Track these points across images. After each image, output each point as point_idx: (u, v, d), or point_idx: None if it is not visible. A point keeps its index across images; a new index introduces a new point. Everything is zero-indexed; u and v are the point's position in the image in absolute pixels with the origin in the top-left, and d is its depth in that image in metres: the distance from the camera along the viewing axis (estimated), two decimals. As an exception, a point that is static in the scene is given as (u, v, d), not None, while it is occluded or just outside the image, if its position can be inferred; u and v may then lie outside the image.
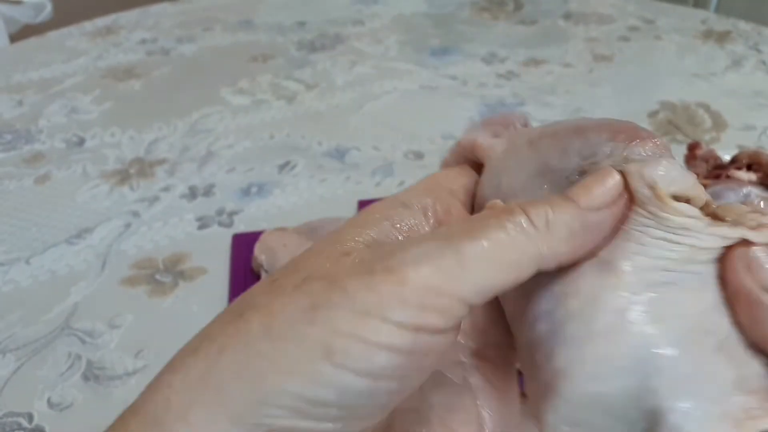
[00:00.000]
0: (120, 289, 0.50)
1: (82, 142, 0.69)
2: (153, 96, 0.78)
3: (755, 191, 0.50)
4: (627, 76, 0.80)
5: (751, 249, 0.16)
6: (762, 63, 0.81)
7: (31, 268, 0.53)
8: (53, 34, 0.94)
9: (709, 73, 0.79)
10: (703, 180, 0.54)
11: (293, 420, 0.16)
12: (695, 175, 0.17)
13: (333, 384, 0.15)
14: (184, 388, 0.16)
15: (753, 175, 0.53)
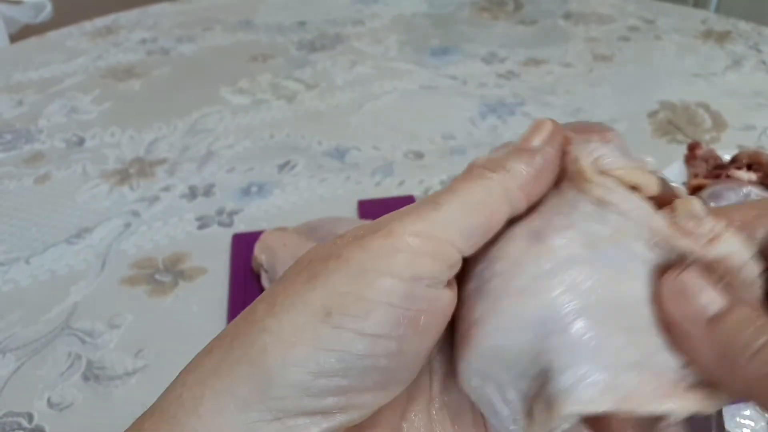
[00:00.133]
0: (120, 289, 0.50)
1: (82, 141, 0.69)
2: (153, 96, 0.78)
3: (755, 191, 0.50)
4: (627, 76, 0.80)
5: (683, 276, 0.16)
6: (762, 63, 0.81)
7: (31, 267, 0.53)
8: (53, 34, 0.94)
9: (709, 73, 0.79)
10: (703, 180, 0.54)
11: (299, 400, 0.16)
12: (642, 163, 0.18)
13: (334, 347, 0.16)
14: (196, 383, 0.17)
15: (753, 175, 0.53)
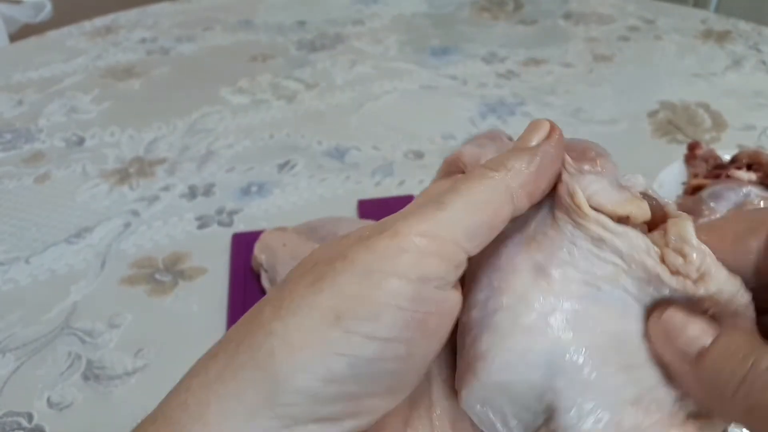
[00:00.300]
0: (120, 289, 0.50)
1: (81, 141, 0.69)
2: (153, 95, 0.78)
3: (755, 191, 0.50)
4: (627, 76, 0.80)
5: (668, 314, 0.17)
6: (762, 63, 0.81)
7: (31, 267, 0.53)
8: (53, 34, 0.94)
9: (709, 73, 0.79)
10: (703, 180, 0.54)
11: (309, 407, 0.16)
12: (631, 195, 0.18)
13: (344, 351, 0.16)
14: (201, 388, 0.16)
15: (753, 175, 0.53)
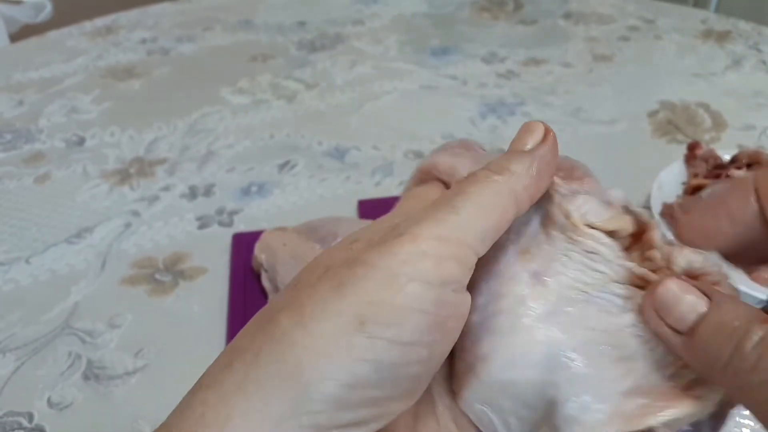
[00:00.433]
0: (120, 289, 0.50)
1: (82, 141, 0.69)
2: (153, 96, 0.78)
3: (755, 191, 0.50)
4: (627, 75, 0.80)
5: (661, 289, 0.18)
6: (762, 63, 0.81)
7: (32, 267, 0.53)
8: (53, 34, 0.94)
9: (709, 72, 0.79)
10: (703, 180, 0.54)
11: (334, 413, 0.15)
12: (617, 211, 0.20)
13: (369, 357, 0.15)
14: (220, 402, 0.15)
15: (753, 175, 0.53)
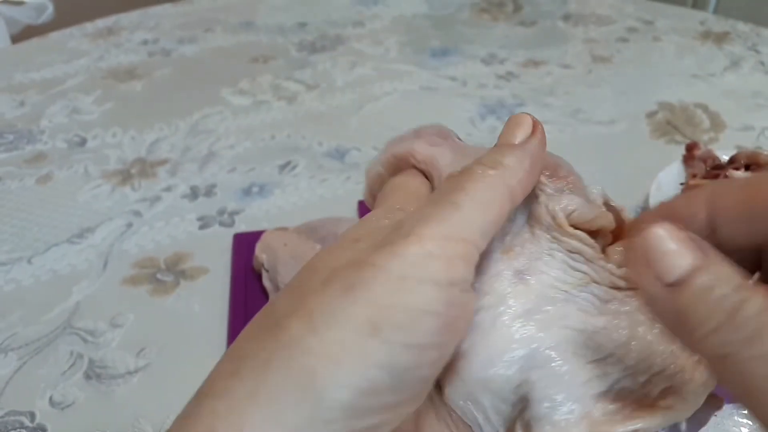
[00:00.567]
0: (122, 289, 0.50)
1: (83, 142, 0.70)
2: (154, 96, 0.79)
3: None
4: (626, 76, 0.80)
5: (649, 234, 0.16)
6: (760, 64, 0.82)
7: (33, 267, 0.53)
8: (55, 35, 0.95)
9: (707, 73, 0.80)
10: (701, 180, 0.54)
11: (348, 421, 0.15)
12: (600, 209, 0.20)
13: (383, 362, 0.15)
14: (232, 412, 0.15)
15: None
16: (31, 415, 0.41)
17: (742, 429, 0.39)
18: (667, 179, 0.56)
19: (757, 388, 0.14)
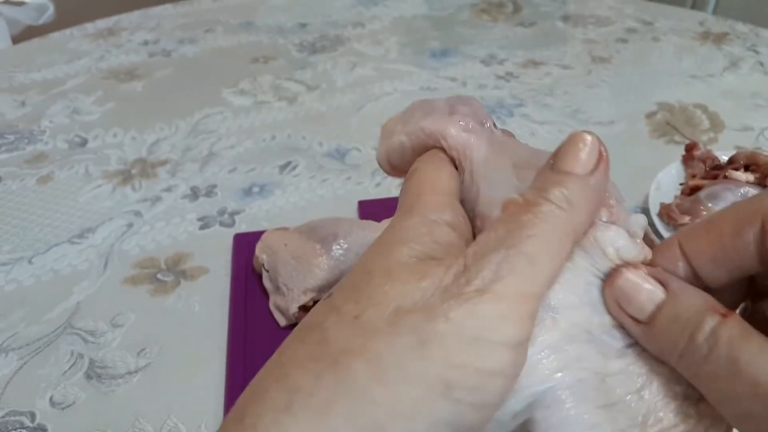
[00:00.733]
0: (122, 289, 0.51)
1: (84, 142, 0.70)
2: (155, 97, 0.79)
3: (752, 191, 0.51)
4: (625, 77, 0.80)
5: (620, 281, 0.17)
6: (759, 64, 0.82)
7: (34, 267, 0.53)
8: (55, 36, 0.95)
9: (706, 74, 0.80)
10: (701, 180, 0.54)
11: None
12: (642, 245, 0.19)
13: (450, 420, 0.15)
14: None
15: (750, 176, 0.54)
16: (32, 415, 0.41)
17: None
18: (667, 179, 0.57)
19: (720, 397, 0.15)
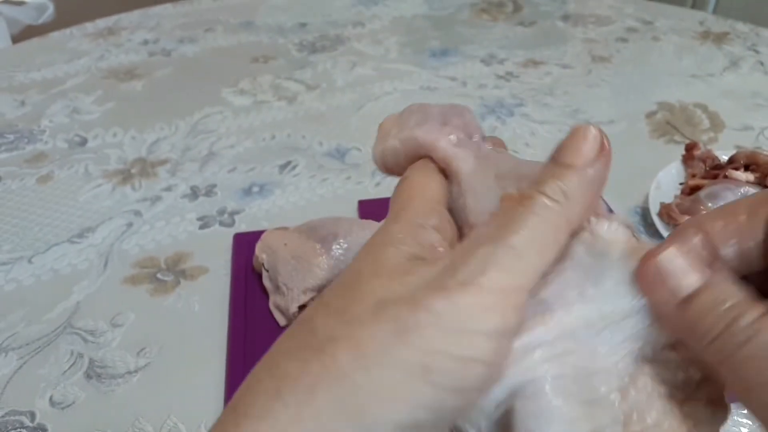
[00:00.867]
0: (122, 288, 0.51)
1: (84, 142, 0.70)
2: (155, 96, 0.79)
3: (753, 191, 0.51)
4: (625, 76, 0.80)
5: (665, 255, 0.17)
6: (759, 64, 0.82)
7: (34, 267, 0.53)
8: (55, 35, 0.95)
9: (706, 73, 0.80)
10: (701, 180, 0.54)
11: None
12: (633, 234, 0.19)
13: (430, 404, 0.16)
14: None
15: (750, 175, 0.54)
16: (32, 415, 0.41)
17: (742, 429, 0.39)
18: (667, 179, 0.57)
19: (750, 384, 0.16)
